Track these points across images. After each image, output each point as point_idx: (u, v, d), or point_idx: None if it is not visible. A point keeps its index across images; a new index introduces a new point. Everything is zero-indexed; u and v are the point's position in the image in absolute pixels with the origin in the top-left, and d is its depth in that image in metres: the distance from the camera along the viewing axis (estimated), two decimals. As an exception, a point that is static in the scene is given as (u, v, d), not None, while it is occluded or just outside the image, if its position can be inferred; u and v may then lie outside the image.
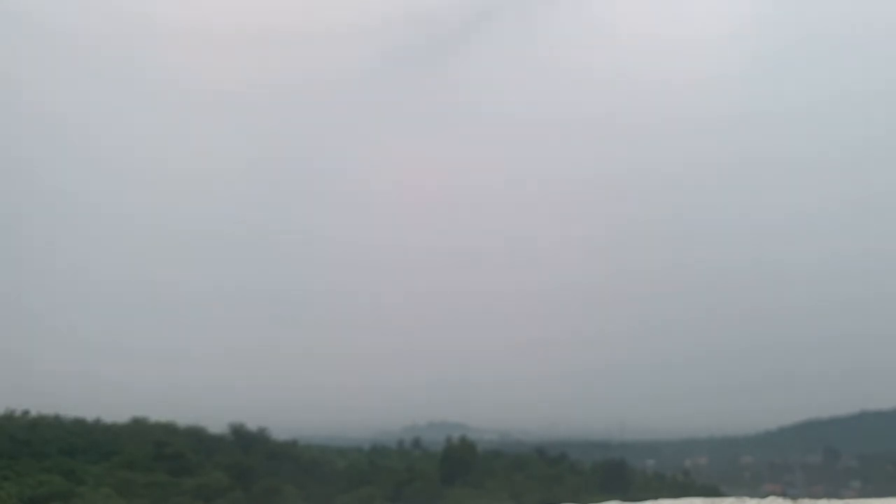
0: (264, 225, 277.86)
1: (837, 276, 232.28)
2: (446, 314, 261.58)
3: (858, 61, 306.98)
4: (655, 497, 20.94)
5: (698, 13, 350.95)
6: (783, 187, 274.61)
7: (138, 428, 70.57)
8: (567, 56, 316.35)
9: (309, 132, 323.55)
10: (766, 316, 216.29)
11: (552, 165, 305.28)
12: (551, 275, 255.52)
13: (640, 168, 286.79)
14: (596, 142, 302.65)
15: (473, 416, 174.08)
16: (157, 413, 74.34)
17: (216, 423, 73.98)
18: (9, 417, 67.67)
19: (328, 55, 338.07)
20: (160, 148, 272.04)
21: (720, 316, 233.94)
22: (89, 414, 71.23)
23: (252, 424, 73.68)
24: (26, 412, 69.16)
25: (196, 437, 70.64)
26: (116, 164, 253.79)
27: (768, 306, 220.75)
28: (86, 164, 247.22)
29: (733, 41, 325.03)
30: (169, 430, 70.97)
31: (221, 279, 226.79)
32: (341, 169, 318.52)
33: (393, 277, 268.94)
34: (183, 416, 74.17)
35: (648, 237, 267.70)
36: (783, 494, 23.30)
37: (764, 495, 19.60)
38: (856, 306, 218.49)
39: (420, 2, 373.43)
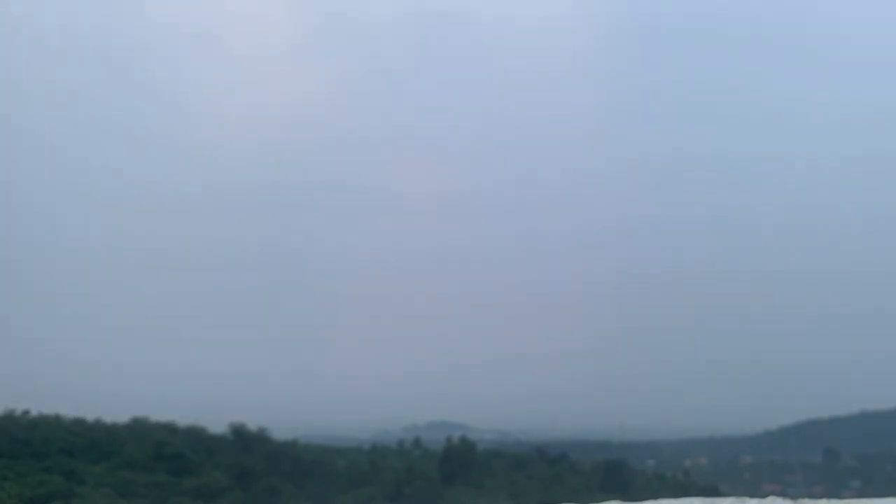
0: (267, 229, 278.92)
1: (837, 276, 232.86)
2: (446, 315, 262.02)
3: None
4: (655, 497, 20.84)
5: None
6: (782, 187, 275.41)
7: (138, 428, 70.46)
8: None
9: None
10: (766, 316, 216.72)
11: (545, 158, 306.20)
12: (552, 275, 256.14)
13: (642, 167, 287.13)
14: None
15: (473, 416, 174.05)
16: (157, 413, 74.32)
17: (216, 423, 73.93)
18: (9, 417, 67.50)
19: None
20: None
21: (720, 316, 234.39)
22: (89, 414, 71.20)
23: (252, 424, 73.60)
24: (26, 412, 69.01)
25: (196, 437, 70.50)
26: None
27: (768, 307, 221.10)
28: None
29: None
30: (169, 430, 70.86)
31: (224, 283, 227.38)
32: (342, 174, 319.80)
33: (393, 279, 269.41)
34: (183, 416, 74.12)
35: (648, 237, 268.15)
36: (783, 494, 23.22)
37: (764, 495, 19.52)
38: (856, 306, 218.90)
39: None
